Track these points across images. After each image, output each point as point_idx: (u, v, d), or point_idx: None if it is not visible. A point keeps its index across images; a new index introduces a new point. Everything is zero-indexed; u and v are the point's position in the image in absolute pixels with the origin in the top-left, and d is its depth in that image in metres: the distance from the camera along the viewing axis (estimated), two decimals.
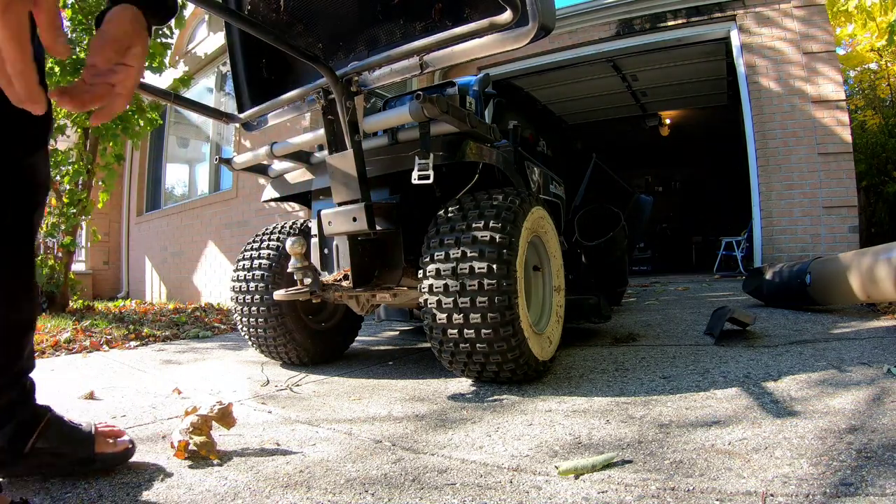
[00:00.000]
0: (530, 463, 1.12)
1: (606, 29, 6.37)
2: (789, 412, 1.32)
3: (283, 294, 2.00)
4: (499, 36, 1.55)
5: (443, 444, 1.28)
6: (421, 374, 2.10)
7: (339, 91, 1.76)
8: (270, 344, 2.32)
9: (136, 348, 3.28)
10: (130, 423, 1.58)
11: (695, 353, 2.13)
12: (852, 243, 4.95)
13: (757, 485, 0.94)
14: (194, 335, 3.76)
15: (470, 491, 1.00)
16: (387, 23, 1.96)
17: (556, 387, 1.74)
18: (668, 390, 1.60)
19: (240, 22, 1.64)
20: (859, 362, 1.76)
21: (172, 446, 1.23)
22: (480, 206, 1.74)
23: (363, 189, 1.82)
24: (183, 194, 7.82)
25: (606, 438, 1.23)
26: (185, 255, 6.90)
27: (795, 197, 5.29)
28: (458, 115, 1.78)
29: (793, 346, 2.12)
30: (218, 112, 2.22)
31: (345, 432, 1.41)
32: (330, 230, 1.93)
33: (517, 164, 2.39)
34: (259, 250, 2.31)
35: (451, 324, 1.65)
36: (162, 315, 4.88)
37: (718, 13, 5.80)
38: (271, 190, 2.42)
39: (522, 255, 1.74)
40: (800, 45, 5.36)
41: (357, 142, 1.82)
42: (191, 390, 2.03)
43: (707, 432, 1.22)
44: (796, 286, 3.04)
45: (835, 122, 5.21)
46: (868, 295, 2.56)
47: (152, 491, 1.06)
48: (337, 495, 1.01)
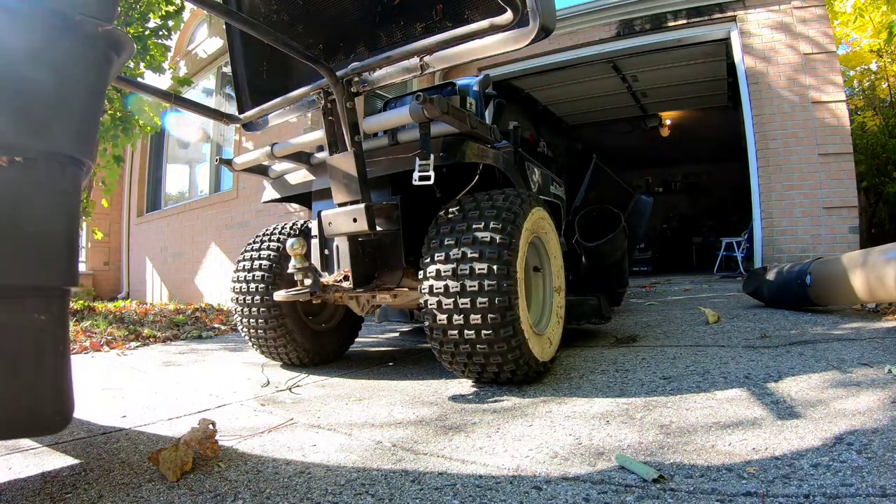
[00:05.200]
0: (530, 464, 1.12)
1: (607, 30, 6.37)
2: (790, 413, 1.32)
3: (284, 295, 2.00)
4: (500, 37, 1.55)
5: (443, 445, 1.28)
6: (421, 375, 2.10)
7: (340, 92, 1.76)
8: (271, 345, 2.32)
9: (137, 349, 3.28)
10: (131, 423, 1.58)
11: (695, 353, 2.13)
12: (853, 244, 4.94)
13: (757, 485, 0.94)
14: (195, 336, 3.76)
15: (470, 491, 1.00)
16: (387, 24, 1.96)
17: (557, 388, 1.74)
18: (669, 391, 1.60)
19: (240, 22, 1.64)
20: (860, 363, 1.76)
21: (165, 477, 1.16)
22: (481, 207, 1.74)
23: (363, 190, 1.82)
24: (183, 195, 7.82)
25: (607, 439, 1.23)
26: (186, 256, 6.90)
27: (796, 198, 5.29)
28: (459, 116, 1.78)
29: (793, 346, 2.12)
30: (218, 113, 2.23)
31: (345, 433, 1.41)
32: (330, 231, 1.93)
33: (517, 164, 2.39)
34: (259, 251, 2.32)
35: (451, 324, 1.65)
36: (162, 316, 4.88)
37: (719, 14, 5.80)
38: (272, 191, 2.42)
39: (523, 256, 1.74)
40: (800, 45, 5.36)
41: (357, 142, 1.82)
42: (191, 391, 2.03)
43: (707, 433, 1.22)
44: (796, 287, 3.04)
45: (835, 123, 5.21)
46: (872, 295, 2.55)
47: (153, 491, 1.06)
48: (337, 496, 1.01)
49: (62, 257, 1.03)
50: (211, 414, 1.65)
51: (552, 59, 6.70)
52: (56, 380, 1.01)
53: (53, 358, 1.01)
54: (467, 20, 1.68)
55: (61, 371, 1.03)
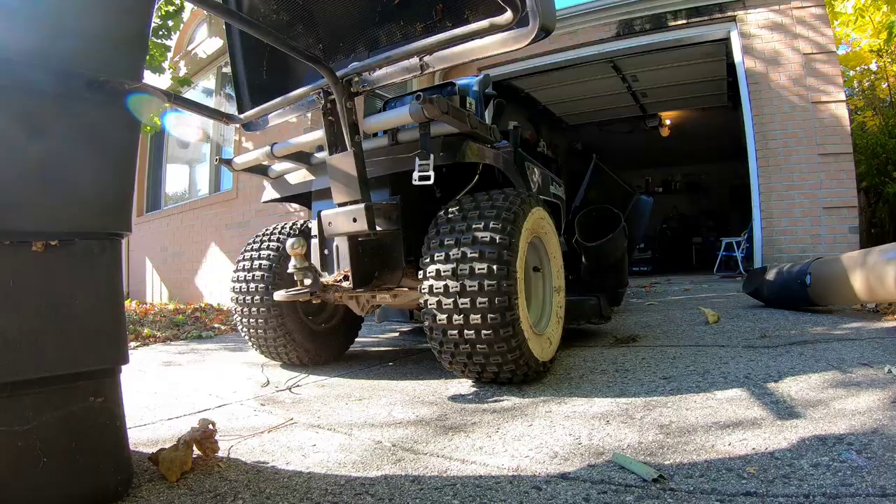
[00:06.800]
0: (530, 464, 1.12)
1: (607, 29, 6.37)
2: (789, 413, 1.32)
3: (284, 295, 2.00)
4: (500, 37, 1.55)
5: (443, 444, 1.28)
6: (421, 375, 2.10)
7: (340, 92, 1.76)
8: (271, 345, 2.32)
9: (137, 349, 3.28)
10: (131, 423, 1.58)
11: (695, 353, 2.13)
12: (852, 244, 4.94)
13: (757, 485, 0.94)
14: (195, 336, 3.76)
15: (470, 491, 1.00)
16: (387, 23, 1.96)
17: (557, 388, 1.74)
18: (669, 391, 1.60)
19: (240, 22, 1.65)
20: (860, 363, 1.76)
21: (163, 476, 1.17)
22: (480, 207, 1.74)
23: (363, 190, 1.82)
24: (183, 195, 7.82)
25: (607, 439, 1.23)
26: (186, 256, 6.90)
27: (795, 198, 5.29)
28: (459, 116, 1.78)
29: (793, 346, 2.12)
30: (218, 112, 2.23)
31: (345, 433, 1.41)
32: (330, 231, 1.93)
33: (517, 164, 2.39)
34: (259, 251, 2.31)
35: (451, 324, 1.65)
36: (162, 316, 4.88)
37: (718, 14, 5.80)
38: (272, 190, 2.42)
39: (522, 256, 1.74)
40: (800, 45, 5.36)
41: (357, 142, 1.82)
42: (191, 391, 2.03)
43: (707, 433, 1.22)
44: (796, 287, 3.04)
45: (835, 123, 5.21)
46: (872, 295, 2.55)
47: (153, 491, 1.06)
48: (337, 496, 1.01)
49: (111, 337, 1.01)
50: (211, 414, 1.65)
51: (552, 59, 6.70)
52: (116, 453, 1.02)
53: (111, 433, 1.01)
54: (467, 20, 1.68)
55: (120, 444, 1.03)
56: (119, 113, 1.02)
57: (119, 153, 1.05)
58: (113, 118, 1.02)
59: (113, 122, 1.03)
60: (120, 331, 1.04)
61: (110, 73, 0.99)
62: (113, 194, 1.04)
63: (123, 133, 1.05)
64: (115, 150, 1.04)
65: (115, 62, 1.01)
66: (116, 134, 1.04)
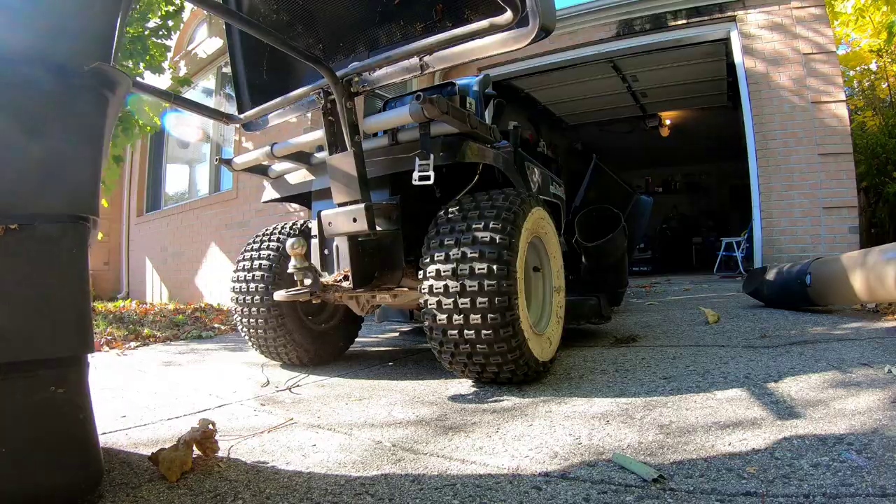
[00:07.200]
0: (530, 464, 1.12)
1: (607, 30, 6.37)
2: (789, 413, 1.32)
3: (284, 295, 2.00)
4: (500, 37, 1.55)
5: (443, 444, 1.28)
6: (421, 375, 2.10)
7: (340, 92, 1.76)
8: (270, 345, 2.32)
9: (137, 349, 3.28)
10: (131, 423, 1.58)
11: (695, 353, 2.13)
12: (852, 244, 4.94)
13: (757, 485, 0.94)
14: (195, 336, 3.76)
15: (470, 491, 1.00)
16: (387, 23, 1.96)
17: (557, 388, 1.74)
18: (669, 391, 1.60)
19: (240, 22, 1.64)
20: (860, 363, 1.76)
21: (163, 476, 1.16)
22: (480, 207, 1.74)
23: (363, 190, 1.82)
24: (183, 195, 7.82)
25: (607, 439, 1.23)
26: (186, 256, 6.90)
27: (795, 197, 5.29)
28: (459, 116, 1.78)
29: (793, 346, 2.12)
30: (218, 112, 2.23)
31: (345, 433, 1.41)
32: (330, 231, 1.93)
33: (517, 164, 2.39)
34: (259, 251, 2.31)
35: (451, 324, 1.65)
36: (162, 316, 4.88)
37: (718, 14, 5.80)
38: (272, 190, 2.42)
39: (522, 256, 1.74)
40: (800, 45, 5.36)
41: (357, 142, 1.82)
42: (191, 391, 2.03)
43: (707, 433, 1.22)
44: (796, 287, 3.04)
45: (835, 123, 5.21)
46: (872, 295, 2.55)
47: (153, 491, 1.06)
48: (337, 496, 1.01)
49: (73, 323, 0.97)
50: (211, 414, 1.65)
51: (552, 59, 6.70)
52: (82, 448, 0.98)
53: (76, 427, 0.96)
54: (467, 20, 1.68)
55: (86, 439, 0.99)
56: (83, 92, 0.98)
57: (84, 132, 1.01)
58: (76, 97, 0.98)
59: (76, 101, 0.98)
60: (84, 318, 0.99)
61: (70, 51, 0.96)
62: (78, 176, 0.99)
63: (89, 112, 1.01)
64: (80, 129, 0.99)
65: (79, 41, 0.98)
66: (81, 112, 1.00)
